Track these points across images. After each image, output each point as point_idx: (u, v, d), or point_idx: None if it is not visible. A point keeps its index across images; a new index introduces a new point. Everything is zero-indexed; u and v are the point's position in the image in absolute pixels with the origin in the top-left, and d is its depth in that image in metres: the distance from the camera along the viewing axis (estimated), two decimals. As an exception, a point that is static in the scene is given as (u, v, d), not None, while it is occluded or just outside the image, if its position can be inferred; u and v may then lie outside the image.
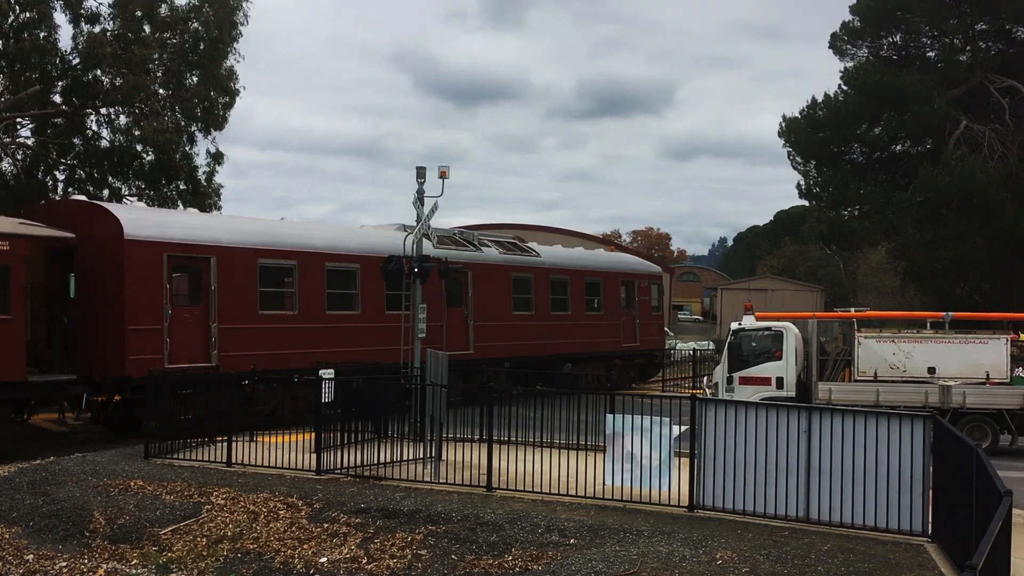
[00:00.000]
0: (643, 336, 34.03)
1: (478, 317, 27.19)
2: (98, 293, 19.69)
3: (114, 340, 19.35)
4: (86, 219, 20.11)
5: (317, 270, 23.07)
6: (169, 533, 13.56)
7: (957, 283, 51.90)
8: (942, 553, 11.54)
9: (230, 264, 20.95)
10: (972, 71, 50.09)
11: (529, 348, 28.69)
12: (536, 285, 29.51)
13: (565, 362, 29.75)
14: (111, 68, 33.10)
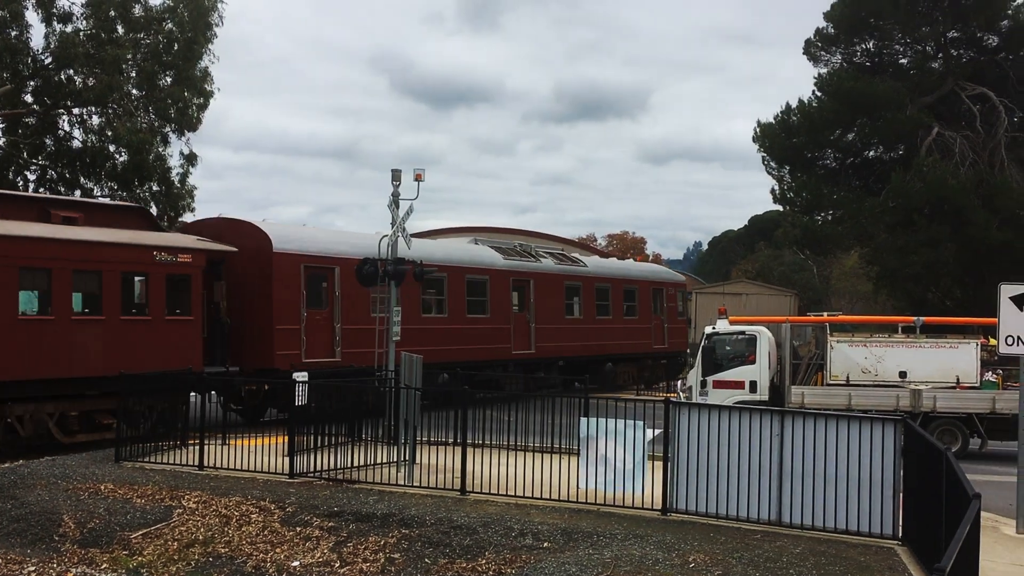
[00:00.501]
0: (670, 339, 37.44)
1: (538, 320, 30.59)
2: (248, 298, 22.74)
3: (264, 338, 22.50)
4: (237, 234, 23.10)
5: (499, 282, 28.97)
6: (140, 537, 13.44)
7: (929, 288, 52.37)
8: (912, 556, 11.63)
9: (349, 273, 22.01)
10: (944, 78, 50.59)
11: (579, 348, 32.14)
12: (583, 292, 32.86)
13: (607, 361, 33.36)
14: (84, 68, 32.87)
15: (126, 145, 32.86)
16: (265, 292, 22.69)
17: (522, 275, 30.07)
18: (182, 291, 21.29)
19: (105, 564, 12.88)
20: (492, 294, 28.72)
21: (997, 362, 22.21)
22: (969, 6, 48.94)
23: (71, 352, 19.06)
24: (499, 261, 29.29)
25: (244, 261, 22.58)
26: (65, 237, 19.31)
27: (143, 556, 13.02)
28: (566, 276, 32.33)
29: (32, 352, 18.44)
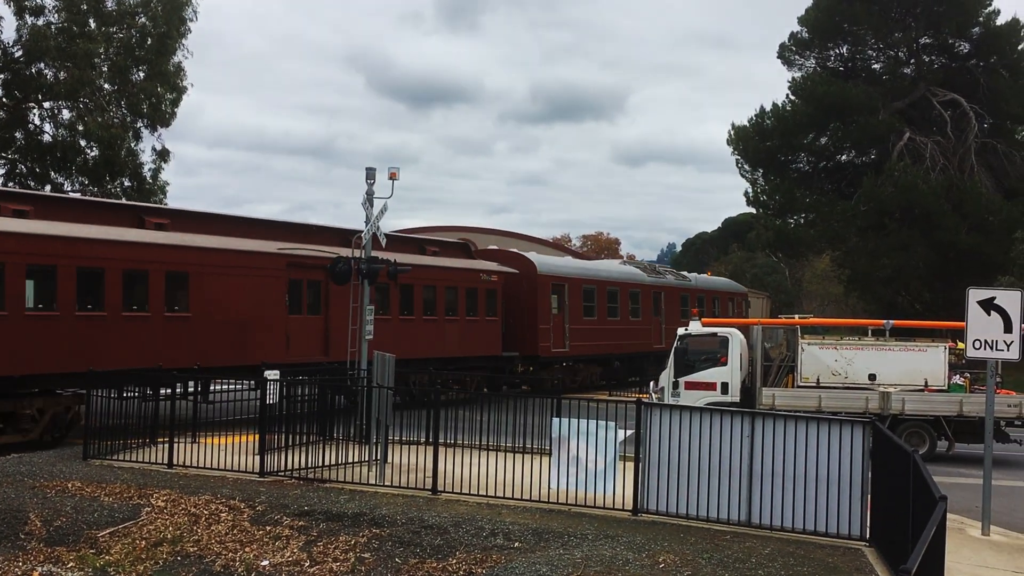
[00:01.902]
0: None
1: (667, 322, 38.59)
2: (520, 305, 32.44)
3: (532, 334, 32.25)
4: (513, 261, 33.29)
5: (602, 291, 36.40)
6: (107, 535, 13.31)
7: (899, 292, 52.84)
8: (879, 557, 11.73)
9: (573, 288, 34.36)
10: (916, 84, 51.08)
11: None
12: (691, 300, 41.41)
13: None
14: (55, 62, 32.53)
15: (97, 140, 32.57)
16: (532, 302, 32.54)
17: (657, 288, 39.87)
18: (492, 300, 31.00)
19: (72, 563, 12.75)
20: (642, 302, 38.57)
21: (965, 365, 22.43)
22: (941, 13, 49.44)
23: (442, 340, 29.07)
24: (646, 279, 39.56)
25: (519, 280, 32.45)
26: (439, 265, 29.50)
27: (110, 555, 12.90)
28: (681, 289, 41.74)
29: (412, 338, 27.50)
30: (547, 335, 32.51)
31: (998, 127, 50.06)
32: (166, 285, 21.37)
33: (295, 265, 24.27)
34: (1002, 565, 12.19)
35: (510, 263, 32.78)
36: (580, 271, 36.36)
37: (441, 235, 34.52)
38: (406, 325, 27.45)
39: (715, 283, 46.64)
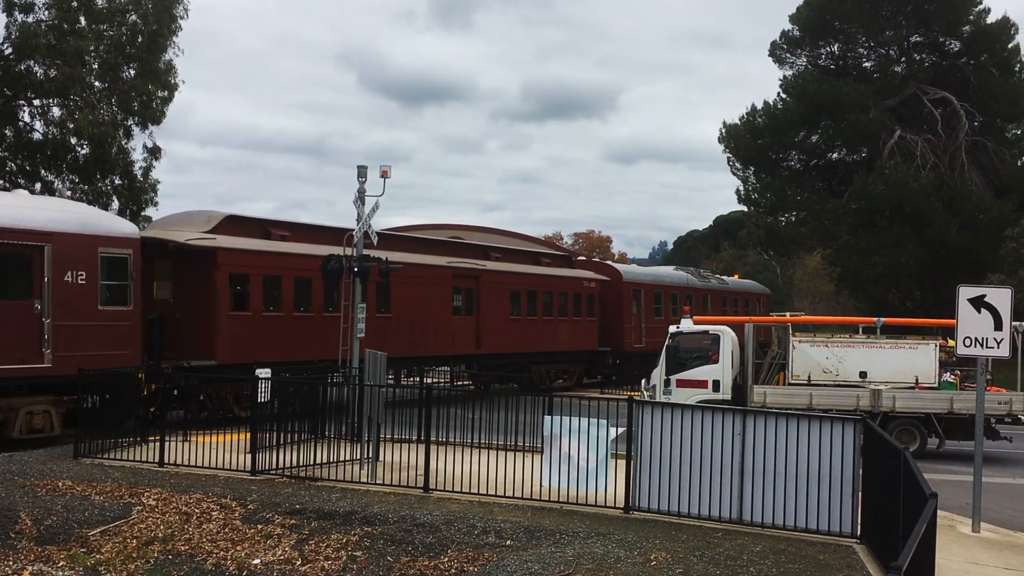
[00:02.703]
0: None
1: None
2: (608, 307, 37.39)
3: (618, 332, 37.45)
4: (603, 270, 38.96)
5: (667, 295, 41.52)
6: (98, 534, 13.27)
7: (889, 289, 53.00)
8: (870, 554, 11.75)
9: (647, 293, 39.77)
10: (907, 82, 51.22)
11: None
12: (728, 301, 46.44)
13: None
14: (45, 59, 32.39)
15: (88, 138, 32.43)
16: (618, 305, 37.76)
17: (704, 291, 44.46)
18: (591, 304, 36.26)
19: (62, 562, 12.70)
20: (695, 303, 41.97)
21: (955, 363, 22.49)
22: (932, 11, 49.59)
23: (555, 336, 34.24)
24: (696, 283, 44.28)
25: (608, 286, 37.69)
26: (552, 274, 35.00)
27: (101, 554, 12.85)
28: (721, 291, 46.43)
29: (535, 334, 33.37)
30: (629, 333, 38.05)
31: (988, 125, 50.24)
32: (377, 292, 25.66)
33: (457, 275, 30.10)
34: (992, 562, 12.24)
35: (602, 272, 38.64)
36: (651, 278, 41.79)
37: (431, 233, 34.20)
38: (532, 324, 33.38)
39: (745, 285, 51.79)
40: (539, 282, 33.80)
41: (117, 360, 19.05)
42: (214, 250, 22.22)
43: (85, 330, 19.17)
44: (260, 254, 23.49)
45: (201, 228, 22.81)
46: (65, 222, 19.26)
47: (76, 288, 19.06)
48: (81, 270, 19.16)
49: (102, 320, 19.64)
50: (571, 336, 35.16)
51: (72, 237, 19.14)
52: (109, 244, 19.79)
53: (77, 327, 19.09)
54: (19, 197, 20.45)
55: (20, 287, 18.45)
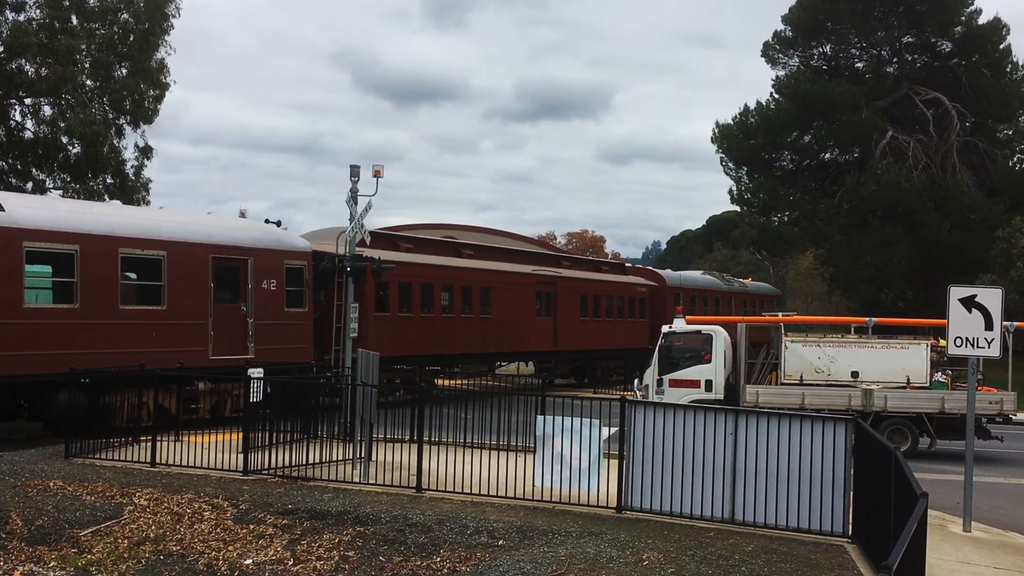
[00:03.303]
0: None
1: None
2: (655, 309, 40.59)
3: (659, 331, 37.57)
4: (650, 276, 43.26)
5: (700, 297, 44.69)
6: (89, 535, 13.23)
7: (881, 289, 53.12)
8: (861, 553, 11.78)
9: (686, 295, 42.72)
10: (899, 82, 51.34)
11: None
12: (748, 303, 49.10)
13: None
14: (37, 58, 32.28)
15: (79, 137, 32.35)
16: (662, 307, 40.12)
17: (728, 294, 47.79)
18: (643, 306, 40.40)
19: (53, 562, 12.66)
20: (722, 305, 45.99)
21: (946, 363, 22.56)
22: (923, 12, 49.72)
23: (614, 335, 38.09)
24: (723, 286, 47.72)
25: (655, 290, 41.80)
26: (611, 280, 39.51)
27: (92, 554, 12.82)
28: (741, 293, 49.85)
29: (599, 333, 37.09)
30: None
31: (980, 126, 50.39)
32: (481, 297, 31.34)
33: (539, 282, 34.61)
34: (983, 561, 12.27)
35: (650, 277, 43.20)
36: (687, 282, 45.49)
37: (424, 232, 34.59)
38: (596, 324, 37.29)
39: (760, 288, 55.55)
40: (602, 287, 38.52)
41: (297, 353, 23.33)
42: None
43: (276, 328, 23.22)
44: (399, 264, 27.08)
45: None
46: (262, 240, 23.27)
47: (269, 294, 23.07)
48: (272, 279, 23.23)
49: (287, 320, 23.65)
50: (627, 335, 39.24)
51: (267, 252, 23.12)
52: (291, 257, 23.70)
53: (271, 325, 23.08)
54: (230, 220, 25.21)
55: (233, 294, 22.45)
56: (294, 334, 23.79)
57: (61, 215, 19.81)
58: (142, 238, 20.67)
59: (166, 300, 20.83)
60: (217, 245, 22.03)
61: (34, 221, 18.94)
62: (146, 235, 20.77)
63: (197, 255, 21.50)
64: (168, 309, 20.72)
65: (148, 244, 20.75)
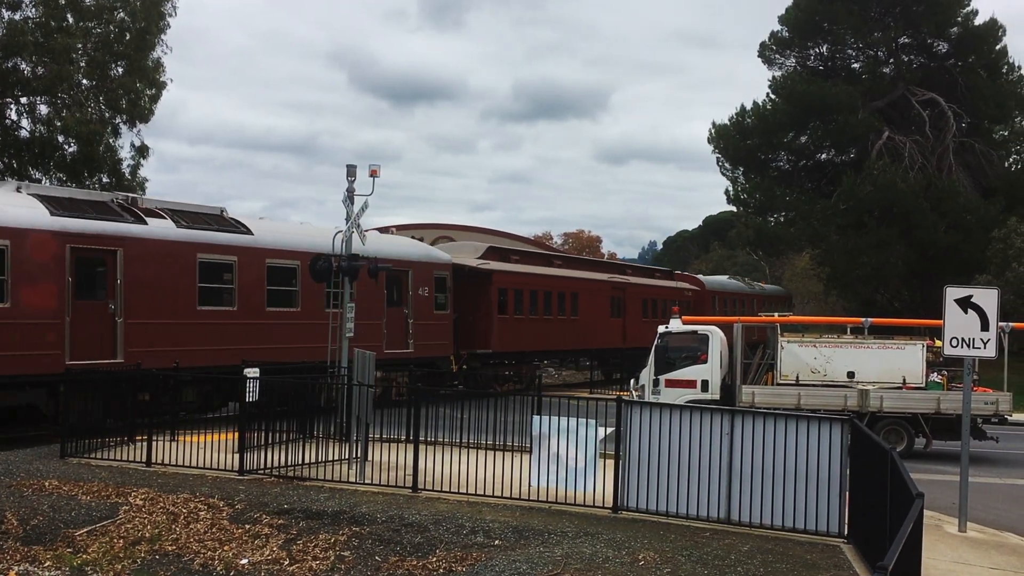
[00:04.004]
0: None
1: None
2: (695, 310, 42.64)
3: None
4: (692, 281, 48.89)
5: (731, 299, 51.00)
6: (84, 534, 13.22)
7: (878, 290, 53.14)
8: (857, 554, 11.79)
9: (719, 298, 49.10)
10: (895, 83, 51.37)
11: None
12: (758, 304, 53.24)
13: None
14: (32, 57, 32.22)
15: (75, 136, 32.30)
16: (702, 308, 44.85)
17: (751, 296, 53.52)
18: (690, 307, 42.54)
19: (49, 562, 12.65)
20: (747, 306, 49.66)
21: (942, 363, 22.58)
22: (920, 13, 49.73)
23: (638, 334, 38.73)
24: (746, 289, 52.88)
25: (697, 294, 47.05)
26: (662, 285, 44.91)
27: (88, 554, 12.80)
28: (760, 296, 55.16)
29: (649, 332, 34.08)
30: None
31: (976, 126, 50.42)
32: (572, 300, 36.71)
33: (614, 287, 40.37)
34: (979, 561, 12.29)
35: (693, 283, 48.62)
36: (720, 287, 51.65)
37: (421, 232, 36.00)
38: (647, 323, 39.18)
39: (774, 290, 61.45)
40: (659, 292, 44.50)
41: (442, 348, 29.34)
42: (490, 272, 32.47)
43: (427, 327, 28.66)
44: (513, 274, 33.73)
45: (474, 255, 33.16)
46: (418, 254, 29.26)
47: (423, 299, 28.62)
48: (425, 286, 28.79)
49: (435, 320, 29.12)
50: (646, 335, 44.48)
51: (421, 264, 28.95)
52: (438, 268, 29.67)
53: (424, 325, 28.52)
54: (399, 239, 30.82)
55: (399, 299, 27.94)
56: (440, 332, 29.38)
57: (289, 236, 25.17)
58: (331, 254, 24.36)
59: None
60: (392, 261, 26.12)
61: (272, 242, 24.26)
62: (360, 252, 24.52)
63: None
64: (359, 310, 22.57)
65: None
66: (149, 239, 21.10)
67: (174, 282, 21.53)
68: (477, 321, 31.68)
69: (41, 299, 19.13)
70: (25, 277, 18.85)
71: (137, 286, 20.71)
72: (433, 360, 28.70)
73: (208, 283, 22.38)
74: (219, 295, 22.69)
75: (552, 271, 37.25)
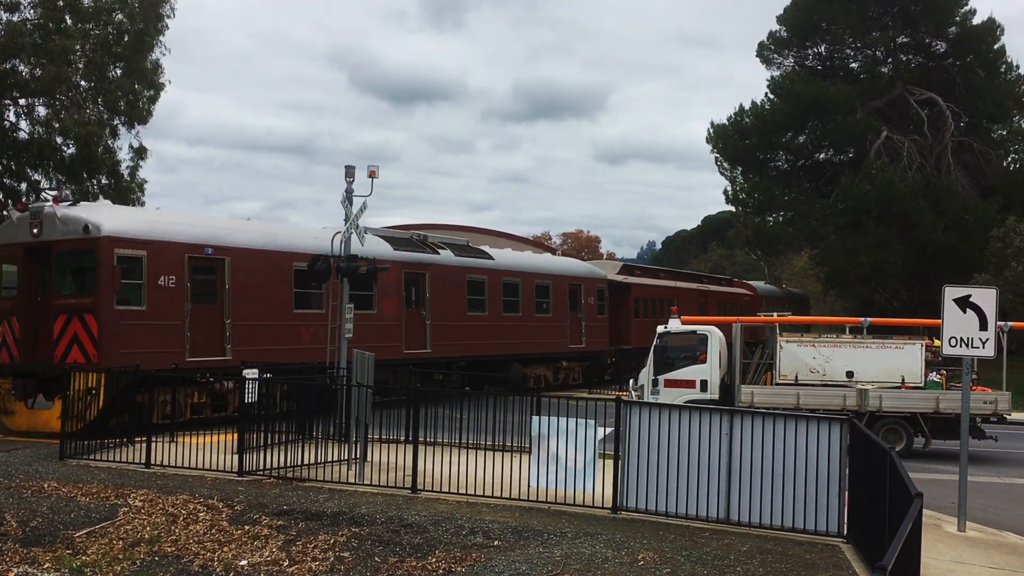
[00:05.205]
0: None
1: None
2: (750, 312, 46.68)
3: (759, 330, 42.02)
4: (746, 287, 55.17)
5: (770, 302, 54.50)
6: (84, 536, 13.22)
7: (876, 289, 53.17)
8: (856, 553, 11.79)
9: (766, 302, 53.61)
10: (893, 83, 51.37)
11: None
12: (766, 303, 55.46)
13: None
14: (31, 58, 32.19)
15: (74, 137, 32.25)
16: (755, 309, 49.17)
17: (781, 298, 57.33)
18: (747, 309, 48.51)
19: (48, 563, 12.66)
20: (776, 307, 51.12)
21: (941, 363, 22.56)
22: (918, 12, 49.74)
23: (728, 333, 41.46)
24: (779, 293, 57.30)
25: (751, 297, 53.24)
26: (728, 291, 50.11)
27: (87, 555, 12.81)
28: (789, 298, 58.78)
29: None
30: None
31: (974, 126, 50.43)
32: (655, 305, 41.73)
33: (698, 294, 46.91)
34: (978, 561, 12.29)
35: (747, 288, 55.27)
36: (765, 291, 57.77)
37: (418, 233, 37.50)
38: None
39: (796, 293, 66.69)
40: (728, 296, 50.83)
41: (602, 344, 37.07)
42: (629, 284, 40.75)
43: (593, 327, 36.52)
44: (641, 286, 42.02)
45: (614, 271, 41.39)
46: (586, 272, 37.83)
47: (590, 306, 36.45)
48: (591, 296, 36.46)
49: (598, 322, 36.89)
50: None
51: (589, 279, 37.16)
52: (599, 282, 37.69)
53: (592, 326, 36.28)
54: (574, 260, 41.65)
55: (575, 306, 35.52)
56: (601, 331, 36.95)
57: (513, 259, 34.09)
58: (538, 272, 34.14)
59: (550, 309, 34.27)
60: (572, 276, 36.12)
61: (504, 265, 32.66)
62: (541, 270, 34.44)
63: (565, 283, 35.30)
64: (552, 316, 34.17)
65: (541, 276, 34.15)
66: (441, 265, 29.30)
67: (452, 293, 29.48)
68: (619, 323, 39.30)
69: (391, 308, 27.04)
70: (382, 292, 26.60)
71: (435, 297, 28.57)
72: (597, 353, 37.08)
73: (472, 295, 30.54)
74: (479, 304, 30.87)
75: (661, 282, 45.51)
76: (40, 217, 20.51)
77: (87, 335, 19.75)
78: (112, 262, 19.91)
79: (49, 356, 20.10)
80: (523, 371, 32.87)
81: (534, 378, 33.60)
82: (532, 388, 32.50)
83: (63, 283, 20.68)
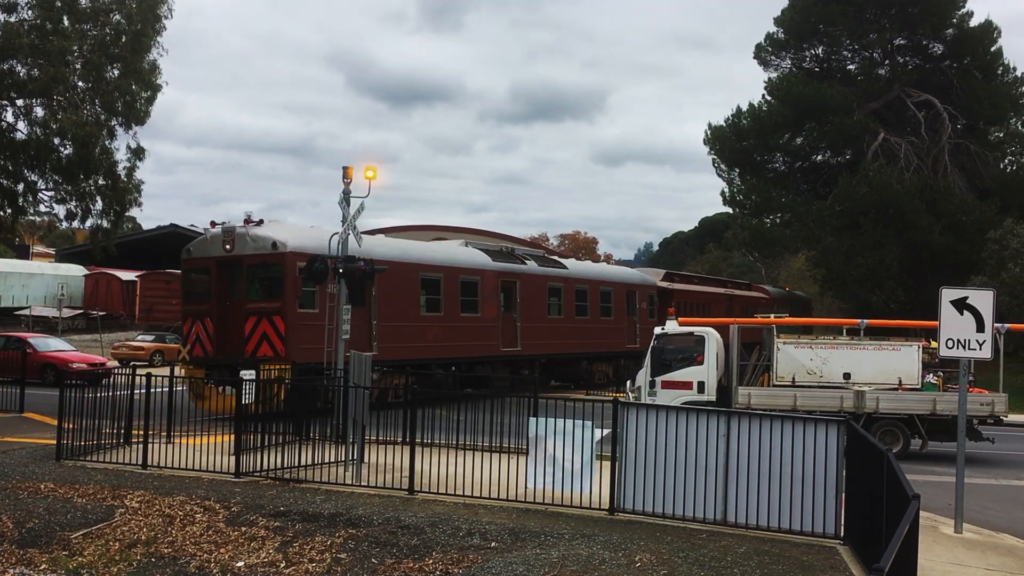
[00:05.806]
0: None
1: None
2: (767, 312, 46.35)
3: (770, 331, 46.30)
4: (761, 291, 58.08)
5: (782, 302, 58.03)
6: (80, 537, 13.20)
7: (873, 291, 53.22)
8: (853, 555, 11.80)
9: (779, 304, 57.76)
10: (890, 84, 51.45)
11: None
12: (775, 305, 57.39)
13: None
14: (28, 59, 32.14)
15: (71, 138, 32.18)
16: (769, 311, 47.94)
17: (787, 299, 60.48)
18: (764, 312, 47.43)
19: (44, 565, 12.63)
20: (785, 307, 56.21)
21: (938, 364, 22.61)
22: (915, 15, 49.83)
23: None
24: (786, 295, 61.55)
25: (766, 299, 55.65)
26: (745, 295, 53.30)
27: (83, 556, 12.79)
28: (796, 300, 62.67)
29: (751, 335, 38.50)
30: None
31: (971, 128, 50.53)
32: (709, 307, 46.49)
33: (726, 298, 50.33)
34: (975, 562, 12.30)
35: (762, 291, 57.96)
36: (777, 294, 60.52)
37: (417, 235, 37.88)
38: None
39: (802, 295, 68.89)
40: (748, 300, 53.79)
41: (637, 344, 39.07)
42: (673, 290, 44.72)
43: (645, 329, 37.00)
44: (681, 291, 45.62)
45: (659, 278, 45.02)
46: (639, 279, 42.03)
47: (643, 309, 40.69)
48: (644, 301, 41.08)
49: (648, 324, 36.44)
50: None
51: (641, 286, 41.47)
52: (650, 288, 42.10)
53: (643, 328, 37.67)
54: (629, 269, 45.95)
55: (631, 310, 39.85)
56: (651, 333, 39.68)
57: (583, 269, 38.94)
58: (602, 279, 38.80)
59: (612, 312, 38.56)
60: (628, 283, 40.60)
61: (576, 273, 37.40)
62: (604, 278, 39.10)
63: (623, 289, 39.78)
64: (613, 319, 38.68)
65: (604, 283, 38.54)
66: (528, 274, 33.66)
67: (537, 299, 33.72)
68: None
69: (491, 311, 31.18)
70: (484, 298, 30.94)
71: (525, 303, 32.82)
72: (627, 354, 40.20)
73: (551, 299, 34.75)
74: (557, 308, 35.07)
75: (697, 288, 49.35)
76: (232, 235, 24.42)
77: (275, 333, 23.59)
78: (295, 272, 23.43)
79: (240, 351, 23.58)
80: (590, 368, 36.77)
81: (598, 373, 37.46)
82: (599, 383, 36.95)
83: (252, 289, 24.65)
